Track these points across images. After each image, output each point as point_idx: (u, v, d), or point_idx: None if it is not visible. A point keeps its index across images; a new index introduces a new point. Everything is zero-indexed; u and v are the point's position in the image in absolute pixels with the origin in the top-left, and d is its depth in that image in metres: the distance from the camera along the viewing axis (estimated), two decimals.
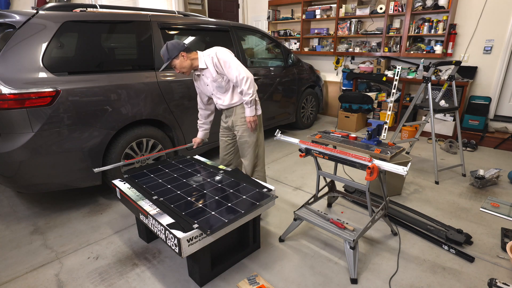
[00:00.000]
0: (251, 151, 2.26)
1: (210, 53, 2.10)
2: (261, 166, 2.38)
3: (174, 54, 2.03)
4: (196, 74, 2.22)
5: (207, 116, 2.44)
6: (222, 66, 2.06)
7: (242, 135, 2.23)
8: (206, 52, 2.13)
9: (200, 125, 2.46)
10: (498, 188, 2.91)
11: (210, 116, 2.45)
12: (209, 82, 2.18)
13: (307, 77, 4.58)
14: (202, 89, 2.28)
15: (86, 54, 2.36)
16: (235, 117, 2.22)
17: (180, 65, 2.07)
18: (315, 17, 5.40)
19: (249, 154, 2.27)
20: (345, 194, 2.41)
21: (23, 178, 2.17)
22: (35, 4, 4.02)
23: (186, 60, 2.07)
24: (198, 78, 2.24)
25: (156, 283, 1.77)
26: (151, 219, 1.65)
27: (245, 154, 2.30)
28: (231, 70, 2.04)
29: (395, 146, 1.96)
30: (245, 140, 2.24)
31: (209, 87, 2.21)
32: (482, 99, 4.17)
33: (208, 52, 2.12)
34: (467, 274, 1.83)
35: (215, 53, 2.07)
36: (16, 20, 2.15)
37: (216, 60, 2.06)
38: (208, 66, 2.11)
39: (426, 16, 4.36)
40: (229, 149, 2.40)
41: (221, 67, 2.06)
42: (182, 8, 5.42)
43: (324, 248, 2.06)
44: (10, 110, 2.00)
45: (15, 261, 1.95)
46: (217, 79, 2.12)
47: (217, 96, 2.22)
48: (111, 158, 2.48)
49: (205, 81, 2.20)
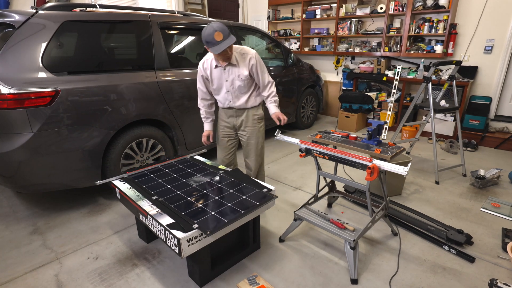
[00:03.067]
0: (258, 151, 2.31)
1: (247, 53, 2.08)
2: (263, 166, 2.44)
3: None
4: (216, 65, 2.10)
5: (210, 106, 2.35)
6: (259, 70, 2.10)
7: (251, 136, 2.26)
8: (237, 48, 2.09)
9: (206, 116, 2.35)
10: (498, 188, 2.91)
11: (213, 106, 2.38)
12: (232, 79, 2.11)
13: (307, 77, 4.57)
14: (217, 83, 2.16)
15: (85, 54, 2.36)
16: (247, 117, 2.23)
17: (231, 50, 1.96)
18: (315, 16, 5.39)
19: (256, 154, 2.31)
20: (345, 194, 2.40)
21: (23, 178, 2.16)
22: (35, 3, 4.02)
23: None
24: (217, 70, 2.11)
25: (156, 283, 1.77)
26: (151, 219, 1.64)
27: (252, 155, 2.32)
28: (265, 75, 2.15)
29: (396, 146, 1.96)
30: (254, 141, 2.27)
31: (228, 83, 2.13)
32: (482, 99, 4.16)
33: (242, 51, 2.08)
34: (468, 274, 1.83)
35: (254, 55, 2.08)
36: (15, 19, 2.14)
37: (254, 62, 2.07)
38: (240, 64, 2.07)
39: (426, 15, 4.35)
40: (230, 149, 2.38)
41: (256, 70, 2.10)
42: (182, 8, 5.42)
43: (324, 248, 2.06)
44: (9, 110, 2.00)
45: (14, 261, 1.95)
46: (245, 79, 2.10)
47: (234, 94, 2.16)
48: (111, 158, 2.47)
49: (227, 76, 2.11)
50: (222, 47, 1.86)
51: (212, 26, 1.84)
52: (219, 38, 1.84)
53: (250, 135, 2.26)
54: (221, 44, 1.86)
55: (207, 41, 1.87)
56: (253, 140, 2.28)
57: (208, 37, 1.85)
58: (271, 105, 2.22)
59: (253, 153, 2.32)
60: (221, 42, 1.86)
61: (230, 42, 1.87)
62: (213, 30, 1.83)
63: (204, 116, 2.36)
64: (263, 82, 2.17)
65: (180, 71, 2.89)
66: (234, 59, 2.06)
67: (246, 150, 2.34)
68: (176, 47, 2.96)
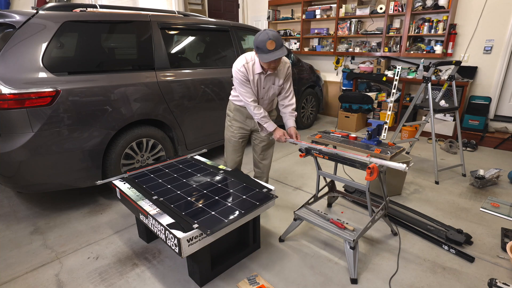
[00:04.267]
0: (271, 152, 2.39)
1: (286, 61, 2.07)
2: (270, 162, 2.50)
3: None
4: (258, 73, 1.99)
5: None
6: (290, 78, 2.15)
7: (267, 137, 2.30)
8: None
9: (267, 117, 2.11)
10: (498, 188, 2.91)
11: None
12: (268, 87, 2.09)
13: (307, 77, 4.58)
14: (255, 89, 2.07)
15: (86, 54, 2.36)
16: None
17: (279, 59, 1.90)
18: (315, 17, 5.40)
19: (270, 155, 2.39)
20: (345, 194, 2.41)
21: (23, 178, 2.17)
22: (35, 4, 4.02)
23: None
24: (257, 76, 2.01)
25: (156, 283, 1.77)
26: (151, 219, 1.65)
27: (267, 156, 2.38)
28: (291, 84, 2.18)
29: (395, 146, 1.96)
30: (270, 142, 2.32)
31: (264, 90, 2.09)
32: (482, 99, 4.17)
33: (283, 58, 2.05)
34: (467, 274, 1.83)
35: (289, 61, 2.10)
36: (16, 20, 2.15)
37: (290, 71, 2.11)
38: (279, 72, 2.05)
39: (426, 16, 4.36)
40: (242, 151, 2.38)
41: (289, 78, 2.13)
42: (182, 8, 5.42)
43: (324, 248, 2.06)
44: (10, 110, 2.00)
45: (15, 261, 1.95)
46: (279, 87, 2.12)
47: (266, 100, 2.16)
48: (111, 158, 2.48)
49: (265, 84, 2.06)
50: (271, 57, 1.79)
51: (267, 33, 1.77)
52: (271, 47, 1.76)
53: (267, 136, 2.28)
54: (271, 54, 1.78)
55: (258, 47, 1.80)
56: (269, 142, 2.32)
57: (260, 44, 1.78)
58: (290, 119, 2.19)
59: (268, 153, 2.38)
60: (272, 52, 1.78)
61: (281, 54, 1.79)
62: (267, 37, 1.75)
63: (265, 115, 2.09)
64: (289, 91, 2.17)
65: (180, 71, 2.90)
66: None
67: (260, 151, 2.34)
68: (176, 47, 2.97)
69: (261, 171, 2.43)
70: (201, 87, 3.02)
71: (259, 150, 2.34)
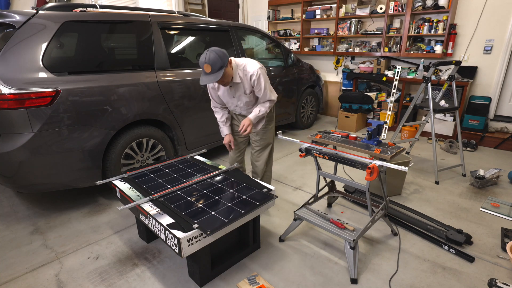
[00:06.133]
0: (265, 156, 2.34)
1: (249, 70, 2.03)
2: (270, 166, 2.47)
3: (226, 61, 1.86)
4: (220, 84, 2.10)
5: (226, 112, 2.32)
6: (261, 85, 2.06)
7: (262, 137, 2.29)
8: (241, 65, 2.05)
9: (223, 121, 2.28)
10: (498, 188, 2.91)
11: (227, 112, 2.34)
12: (238, 95, 2.13)
13: (307, 77, 4.58)
14: (224, 98, 2.20)
15: (86, 54, 2.36)
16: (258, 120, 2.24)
17: (228, 74, 1.94)
18: (315, 17, 5.40)
19: (264, 158, 2.35)
20: (345, 194, 2.41)
21: (23, 178, 2.17)
22: (35, 4, 4.02)
23: (230, 69, 1.96)
24: (223, 88, 2.15)
25: (156, 283, 1.77)
26: (151, 219, 1.65)
27: (260, 159, 2.36)
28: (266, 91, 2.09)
29: (395, 146, 1.96)
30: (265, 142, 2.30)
31: (235, 99, 2.16)
32: (482, 99, 4.17)
33: (245, 68, 2.04)
34: (467, 274, 1.83)
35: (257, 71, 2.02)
36: (16, 20, 2.15)
37: (255, 78, 2.03)
38: (244, 81, 2.06)
39: (426, 16, 4.36)
40: (241, 149, 2.41)
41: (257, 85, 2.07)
42: (182, 8, 5.42)
43: (324, 248, 2.06)
44: (10, 110, 2.00)
45: (15, 261, 1.95)
46: (250, 95, 2.12)
47: (243, 107, 2.19)
48: (111, 158, 2.48)
49: (234, 93, 2.14)
50: (203, 81, 1.88)
51: (207, 55, 1.82)
52: (207, 70, 1.85)
53: (262, 136, 2.30)
54: (204, 77, 1.88)
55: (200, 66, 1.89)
56: (263, 142, 2.32)
57: (200, 64, 1.88)
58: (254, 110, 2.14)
59: (262, 157, 2.36)
60: (206, 75, 1.87)
61: (213, 80, 1.85)
62: (204, 60, 1.83)
63: (222, 121, 2.27)
64: (263, 97, 2.12)
65: (180, 71, 2.90)
66: (237, 77, 2.04)
67: (254, 151, 2.36)
68: (176, 47, 2.97)
69: (255, 172, 2.45)
70: (201, 87, 3.02)
71: (254, 151, 2.40)
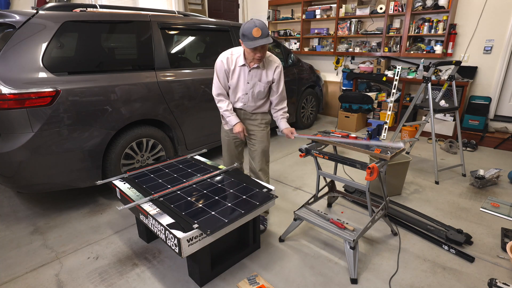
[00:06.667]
0: (263, 154, 2.30)
1: (275, 60, 2.09)
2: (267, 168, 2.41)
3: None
4: (241, 65, 2.02)
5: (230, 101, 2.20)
6: (281, 80, 2.12)
7: (258, 140, 2.25)
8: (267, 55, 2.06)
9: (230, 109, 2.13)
10: (498, 188, 2.91)
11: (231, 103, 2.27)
12: (254, 83, 2.06)
13: (307, 77, 4.58)
14: (238, 83, 2.08)
15: (86, 54, 2.36)
16: (256, 122, 2.22)
17: (264, 52, 1.91)
18: (315, 17, 5.40)
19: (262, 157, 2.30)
20: (345, 194, 2.41)
21: (23, 178, 2.17)
22: (35, 4, 4.02)
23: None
24: (242, 69, 2.03)
25: (156, 283, 1.77)
26: (151, 219, 1.65)
27: (256, 160, 2.32)
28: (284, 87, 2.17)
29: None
30: (261, 145, 2.26)
31: (248, 86, 2.07)
32: (482, 99, 4.17)
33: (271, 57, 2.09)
34: (467, 274, 1.83)
35: (280, 64, 2.12)
36: (16, 20, 2.15)
37: (279, 71, 2.09)
38: (266, 69, 2.05)
39: (426, 16, 4.36)
40: (238, 150, 2.36)
41: (278, 80, 2.10)
42: (182, 8, 5.42)
43: (324, 248, 2.06)
44: (10, 110, 2.00)
45: (15, 261, 1.95)
46: (266, 85, 2.09)
47: (251, 97, 2.13)
48: (111, 158, 2.48)
49: (250, 78, 2.05)
50: (256, 43, 1.80)
51: (254, 22, 1.81)
52: (257, 34, 1.79)
53: (258, 139, 2.25)
54: (256, 41, 1.80)
55: (244, 34, 1.82)
56: (260, 144, 2.27)
57: (246, 31, 1.81)
58: (282, 121, 2.22)
59: (259, 156, 2.31)
60: (258, 39, 1.80)
61: (267, 42, 1.81)
62: (253, 25, 1.79)
63: (228, 109, 2.12)
64: (281, 94, 2.16)
65: (180, 71, 2.90)
66: (262, 63, 2.03)
67: (252, 153, 2.33)
68: (176, 47, 2.97)
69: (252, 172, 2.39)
70: (201, 87, 3.02)
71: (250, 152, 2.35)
